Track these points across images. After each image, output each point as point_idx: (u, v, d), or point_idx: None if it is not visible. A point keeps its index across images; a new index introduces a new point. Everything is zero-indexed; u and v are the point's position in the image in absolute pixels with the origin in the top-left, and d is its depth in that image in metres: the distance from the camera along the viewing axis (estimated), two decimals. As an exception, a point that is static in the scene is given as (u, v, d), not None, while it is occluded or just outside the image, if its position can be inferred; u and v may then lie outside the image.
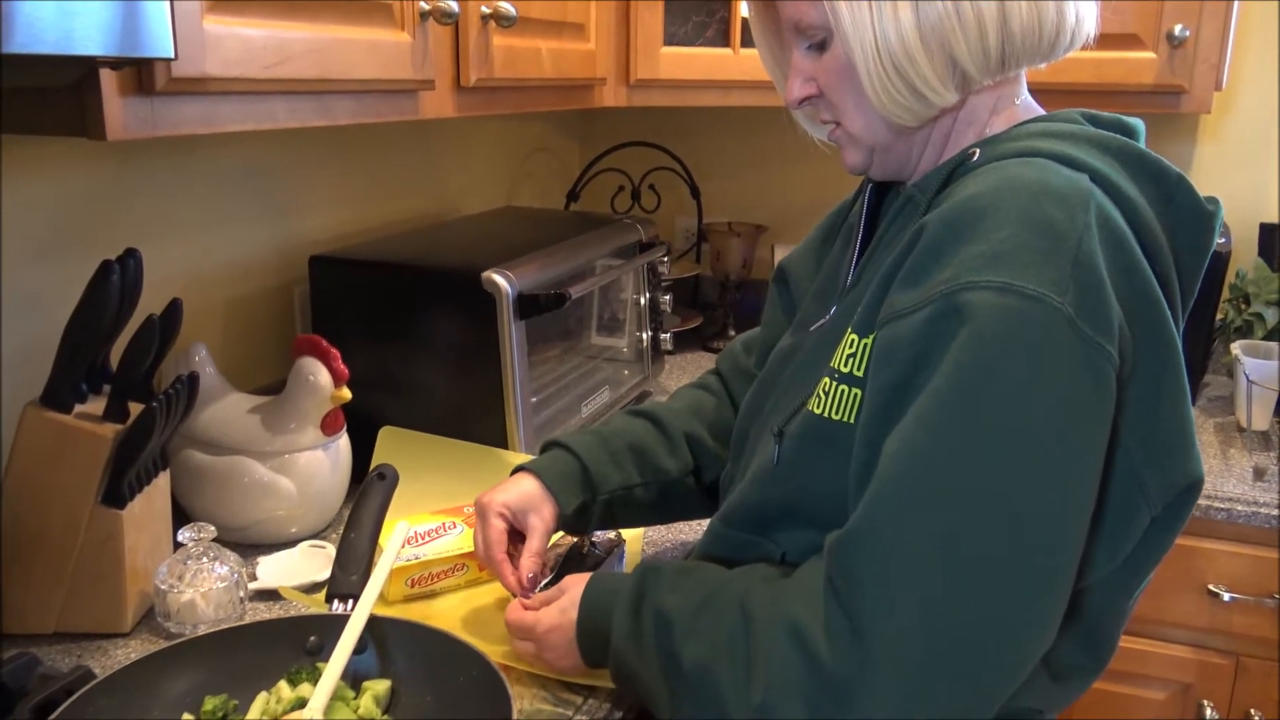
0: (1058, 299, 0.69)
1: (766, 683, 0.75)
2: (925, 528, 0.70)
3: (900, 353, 0.73)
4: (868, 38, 0.79)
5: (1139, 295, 0.73)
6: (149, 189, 1.35)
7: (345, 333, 1.32)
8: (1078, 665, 0.84)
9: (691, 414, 1.16)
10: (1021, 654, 0.72)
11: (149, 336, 1.04)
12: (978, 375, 0.69)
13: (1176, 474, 0.77)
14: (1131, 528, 0.77)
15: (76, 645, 1.05)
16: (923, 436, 0.71)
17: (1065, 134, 0.80)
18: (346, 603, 0.90)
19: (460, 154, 2.01)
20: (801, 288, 1.08)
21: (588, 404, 1.59)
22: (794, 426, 0.85)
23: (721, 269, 2.20)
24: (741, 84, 1.80)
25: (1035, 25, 0.79)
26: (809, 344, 0.93)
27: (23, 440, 1.02)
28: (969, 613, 0.70)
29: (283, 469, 1.24)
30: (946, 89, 0.80)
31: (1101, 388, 0.70)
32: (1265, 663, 1.58)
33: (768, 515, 0.89)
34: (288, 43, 0.98)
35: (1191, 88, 1.70)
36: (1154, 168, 0.79)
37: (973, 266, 0.71)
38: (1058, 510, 0.70)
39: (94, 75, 0.82)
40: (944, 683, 0.70)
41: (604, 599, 0.90)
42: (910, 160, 0.88)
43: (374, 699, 0.83)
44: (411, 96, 1.22)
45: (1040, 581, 0.71)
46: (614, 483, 1.08)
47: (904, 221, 0.85)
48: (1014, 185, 0.74)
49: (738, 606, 0.81)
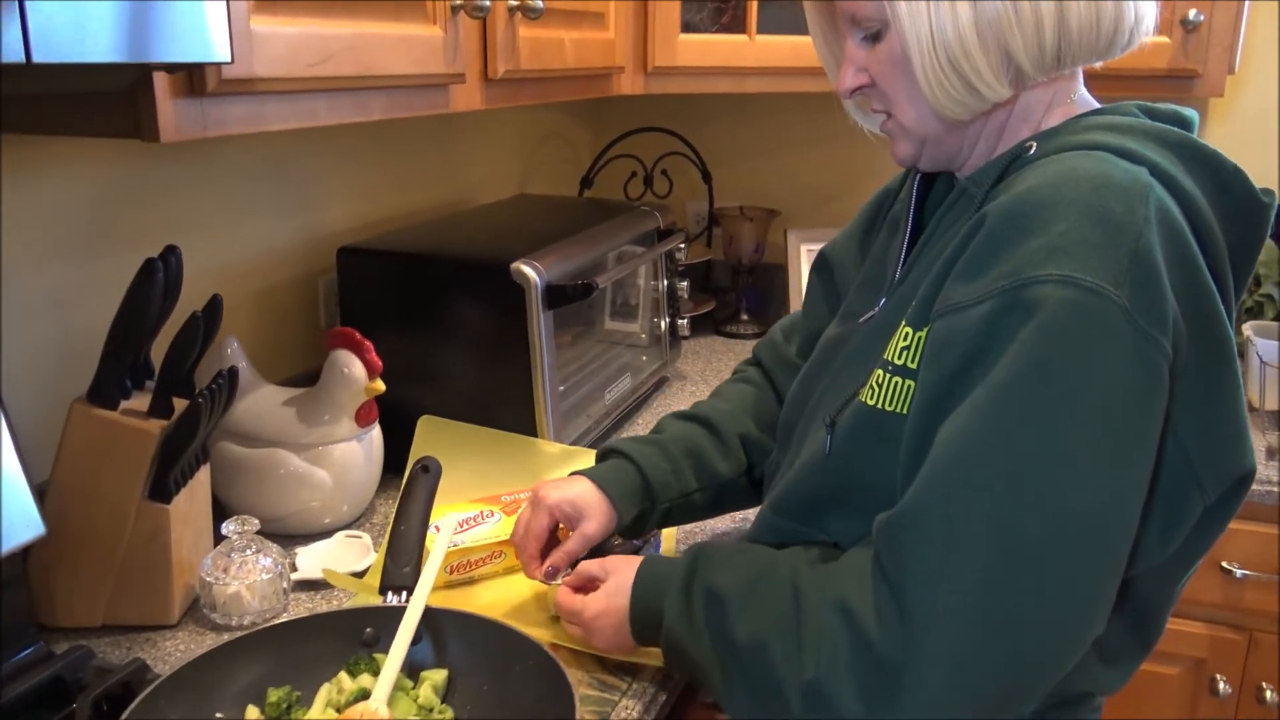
0: (1114, 292, 0.70)
1: (817, 660, 0.77)
2: (975, 512, 0.71)
3: (958, 346, 0.75)
4: (924, 31, 0.80)
5: (1194, 289, 0.74)
6: (172, 187, 1.35)
7: (373, 323, 1.33)
8: (1126, 649, 0.86)
9: (742, 413, 1.17)
10: (1068, 641, 0.74)
11: (194, 332, 1.05)
12: (1036, 367, 0.71)
13: (1230, 465, 0.78)
14: (1185, 518, 0.79)
15: (125, 637, 1.07)
16: (977, 424, 0.72)
17: (1124, 127, 0.81)
18: (400, 594, 0.92)
19: (474, 143, 2.01)
20: (846, 276, 1.09)
21: (610, 390, 1.61)
22: (846, 417, 0.86)
23: (734, 254, 2.22)
24: (757, 71, 1.81)
25: (1094, 23, 0.80)
26: (859, 335, 0.94)
27: (70, 437, 1.03)
28: (1016, 598, 0.71)
29: (318, 460, 1.26)
30: (1000, 84, 0.81)
31: (1154, 379, 0.72)
32: (1275, 638, 1.61)
33: (818, 504, 0.90)
34: (328, 40, 0.99)
35: (1205, 72, 1.72)
36: (1210, 160, 0.80)
37: (1034, 260, 0.72)
38: (1108, 499, 0.72)
39: (147, 78, 0.83)
40: (991, 663, 0.72)
41: (656, 581, 0.92)
42: (961, 153, 0.89)
43: (433, 688, 0.85)
44: (442, 90, 1.23)
45: (1089, 569, 0.73)
46: (673, 491, 1.10)
47: (957, 214, 0.86)
48: (1074, 178, 0.74)
49: (789, 585, 0.83)
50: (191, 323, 1.05)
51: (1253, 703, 1.63)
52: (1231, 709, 1.65)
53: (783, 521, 0.94)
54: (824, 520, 0.91)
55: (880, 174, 2.23)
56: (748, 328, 2.22)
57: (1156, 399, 0.72)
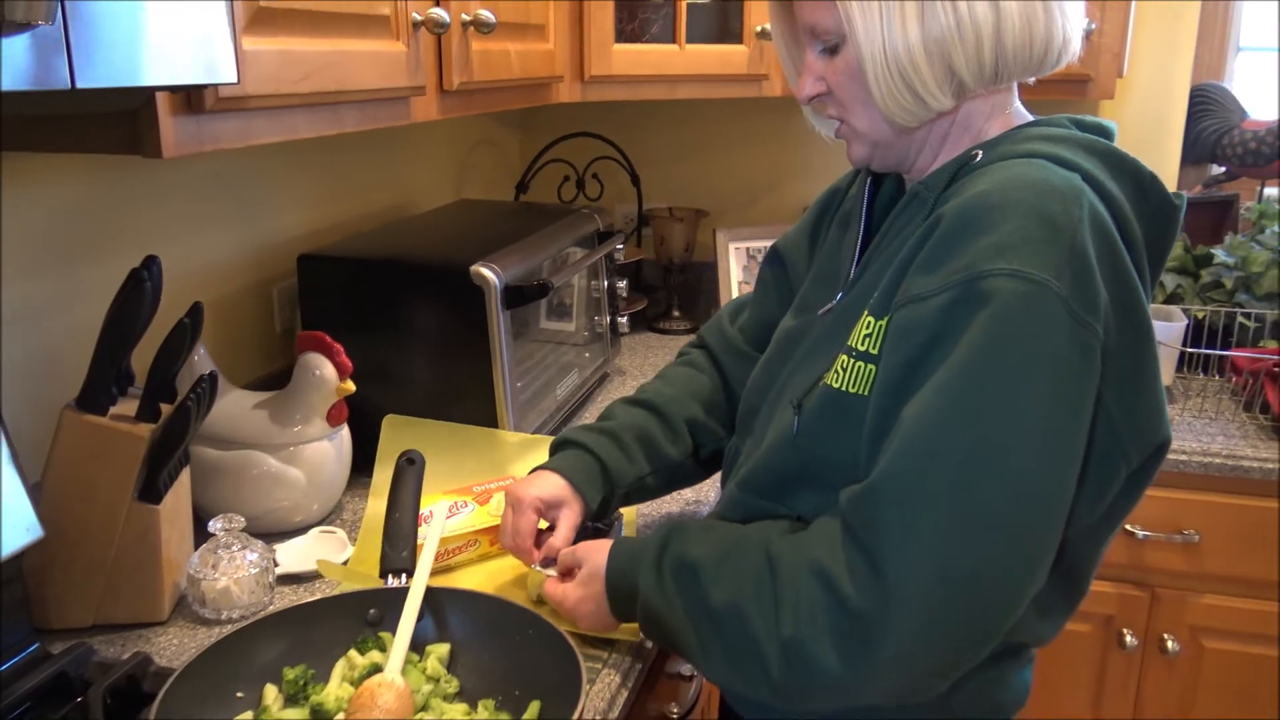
0: (1056, 283, 0.80)
1: (794, 619, 0.85)
2: (941, 478, 0.81)
3: (919, 333, 0.84)
4: (877, 45, 0.89)
5: (1120, 280, 0.85)
6: (127, 202, 1.37)
7: (334, 327, 1.37)
8: (1058, 603, 0.96)
9: (688, 397, 1.24)
10: (1021, 590, 0.84)
11: (182, 339, 1.09)
12: (991, 350, 0.80)
13: (1151, 434, 0.89)
14: (1112, 482, 0.89)
15: (118, 636, 1.11)
16: (941, 402, 0.82)
17: (1058, 138, 0.91)
18: (400, 577, 0.98)
19: (411, 151, 2.06)
20: (798, 270, 1.18)
21: (560, 386, 1.68)
22: (813, 399, 0.95)
23: (665, 253, 2.31)
24: (689, 78, 1.90)
25: (1027, 43, 0.90)
26: (820, 325, 1.02)
27: (62, 443, 1.07)
28: (978, 553, 0.81)
29: (292, 460, 1.30)
30: (945, 95, 0.91)
31: (1089, 360, 0.82)
32: (1175, 592, 1.77)
33: (785, 481, 0.98)
34: (309, 58, 1.04)
35: (1097, 76, 1.87)
36: (1131, 168, 0.91)
37: (986, 255, 0.81)
38: (1052, 465, 0.82)
39: (151, 98, 0.88)
40: (956, 614, 0.82)
41: (630, 558, 0.99)
42: (909, 156, 0.98)
43: (439, 660, 0.92)
44: (404, 102, 1.29)
45: (1037, 526, 0.83)
46: (629, 476, 1.18)
47: (910, 215, 0.95)
48: (1018, 183, 0.84)
49: (762, 553, 0.91)
50: (179, 330, 1.09)
51: (1156, 653, 1.78)
52: (1139, 659, 1.80)
53: (751, 499, 1.02)
54: (790, 496, 0.99)
55: (802, 174, 2.38)
56: (680, 324, 2.32)
57: (1090, 377, 0.82)
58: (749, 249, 2.27)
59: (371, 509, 1.32)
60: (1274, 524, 1.69)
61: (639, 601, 0.97)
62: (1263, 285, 1.92)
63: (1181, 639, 1.77)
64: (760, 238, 2.28)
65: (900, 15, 0.88)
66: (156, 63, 0.75)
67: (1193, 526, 1.72)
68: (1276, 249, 1.96)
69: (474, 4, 1.37)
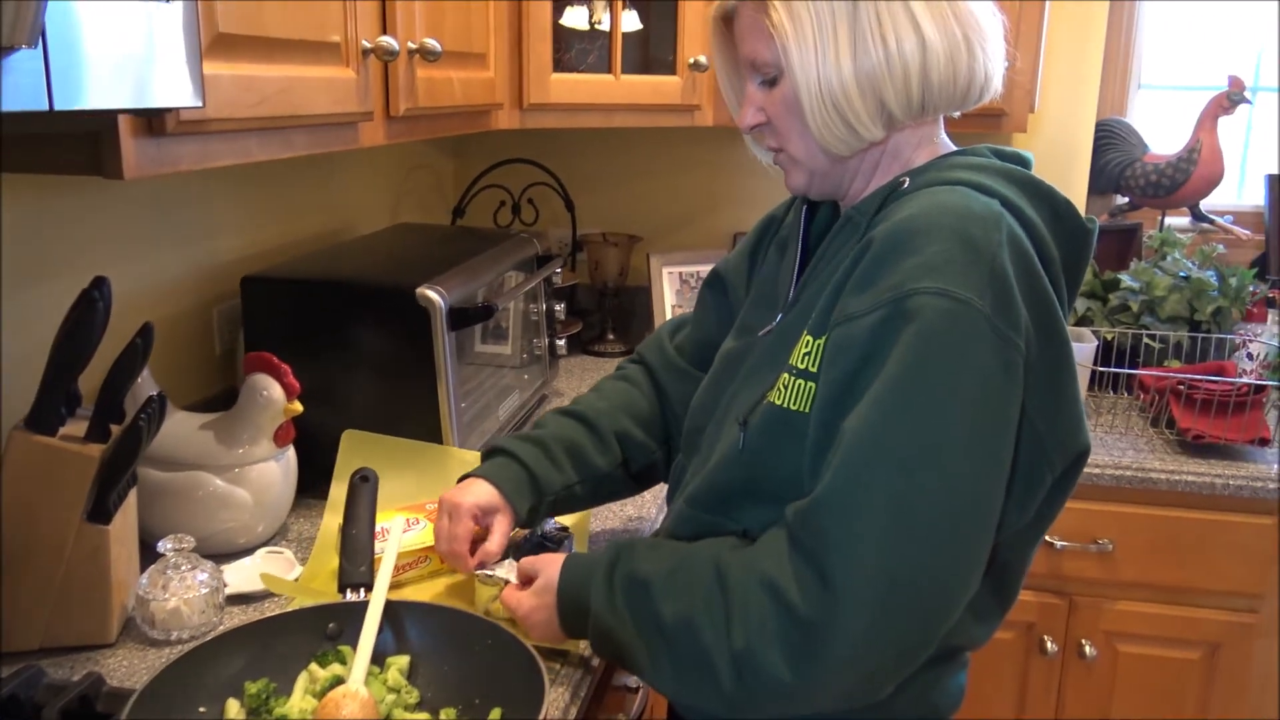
0: (979, 302, 0.85)
1: (745, 630, 0.88)
2: (880, 489, 0.85)
3: (853, 350, 0.89)
4: (813, 78, 0.94)
5: (1038, 299, 0.91)
6: (67, 221, 1.37)
7: (278, 348, 1.37)
8: (990, 607, 1.01)
9: (621, 410, 1.28)
10: (959, 593, 0.89)
11: (133, 359, 1.10)
12: (920, 364, 0.85)
13: (1072, 442, 0.95)
14: (1037, 489, 0.95)
15: (66, 658, 1.10)
16: (875, 415, 0.86)
17: (979, 166, 0.97)
18: (358, 591, 1.00)
19: (348, 176, 2.07)
20: (737, 293, 1.22)
21: (503, 407, 1.70)
22: (756, 416, 0.99)
23: (600, 277, 2.35)
24: (624, 107, 1.95)
25: (951, 79, 0.96)
26: (761, 346, 1.07)
27: (10, 464, 1.06)
28: (918, 558, 0.85)
29: (238, 481, 1.31)
30: (875, 126, 0.96)
31: (1013, 373, 0.88)
32: (1091, 599, 1.86)
33: (732, 495, 1.02)
34: (265, 83, 1.06)
35: (1011, 110, 1.97)
36: (1047, 194, 0.97)
37: (914, 275, 0.87)
38: (982, 472, 0.87)
39: (113, 120, 0.89)
40: (900, 618, 0.86)
41: (580, 574, 1.02)
42: (843, 184, 1.04)
43: (399, 671, 0.94)
44: (353, 127, 1.31)
45: (972, 531, 0.88)
46: (556, 485, 1.21)
47: (844, 238, 1.00)
48: (942, 208, 0.90)
49: (711, 567, 0.94)
50: (131, 349, 1.10)
51: (1075, 658, 1.87)
52: (1059, 664, 1.88)
53: (699, 514, 1.05)
54: (737, 510, 1.02)
55: (733, 201, 2.45)
56: (614, 346, 2.36)
57: (1014, 389, 0.88)
58: (681, 273, 2.33)
59: (327, 523, 1.33)
60: (1181, 532, 1.79)
61: (590, 618, 0.99)
62: (1165, 308, 2.03)
63: (1098, 644, 1.86)
64: (693, 262, 2.34)
65: (834, 51, 0.93)
66: (127, 85, 0.77)
67: (1106, 536, 1.81)
68: (1177, 275, 2.09)
69: (420, 33, 1.40)
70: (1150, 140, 2.52)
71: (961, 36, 0.95)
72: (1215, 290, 2.03)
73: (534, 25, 1.79)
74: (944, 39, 0.94)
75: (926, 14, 0.94)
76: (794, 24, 0.95)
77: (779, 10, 0.95)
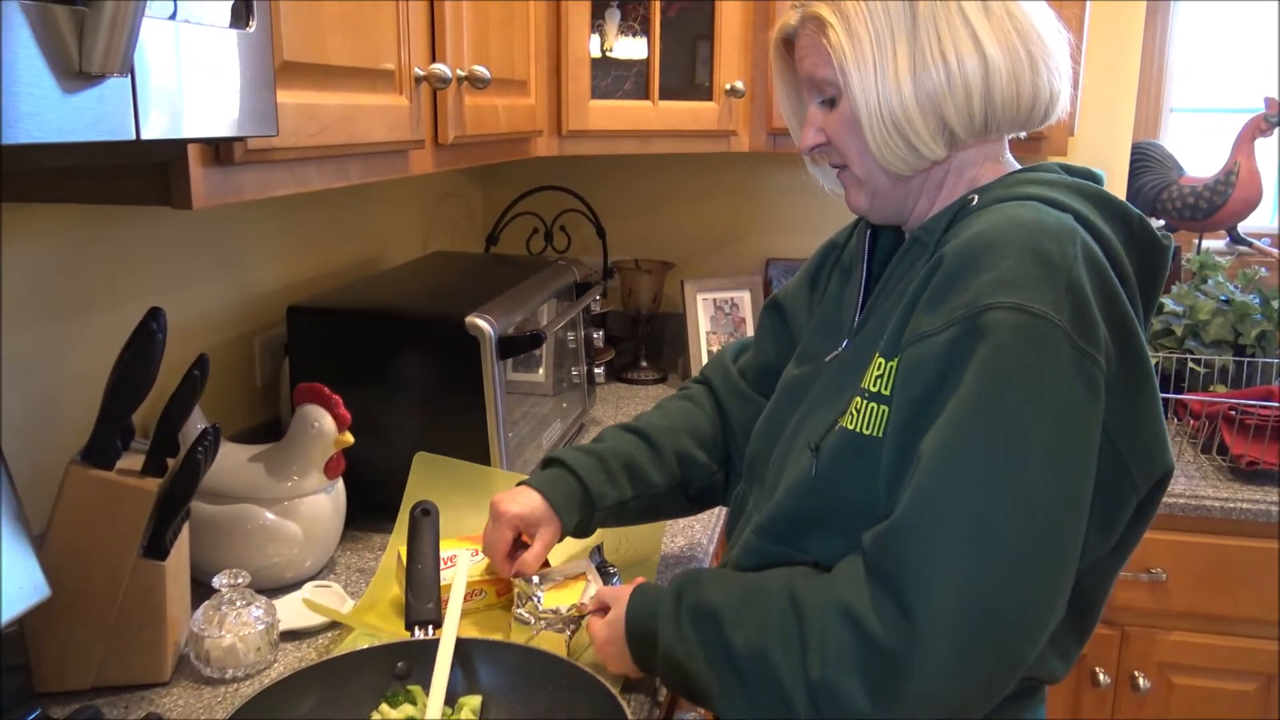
0: (1057, 317, 0.83)
1: (822, 659, 0.86)
2: (959, 512, 0.83)
3: (927, 369, 0.87)
4: (873, 99, 0.93)
5: (1116, 315, 0.88)
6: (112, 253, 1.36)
7: (323, 379, 1.36)
8: (1069, 638, 0.98)
9: (682, 430, 1.27)
10: (1044, 619, 0.86)
11: (191, 391, 1.08)
12: (997, 381, 0.83)
13: (1156, 463, 0.92)
14: (1122, 512, 0.92)
15: (120, 697, 1.07)
16: (954, 437, 0.84)
17: (1050, 181, 0.95)
18: (426, 629, 0.97)
19: (381, 204, 2.06)
20: (798, 319, 1.21)
21: (546, 435, 1.68)
22: (829, 442, 0.97)
23: (633, 304, 2.33)
24: (661, 133, 1.94)
25: (1014, 98, 0.95)
26: (828, 371, 1.05)
27: (67, 498, 1.04)
28: (1000, 583, 0.82)
29: (288, 514, 1.28)
30: (937, 145, 0.95)
31: (1094, 390, 0.85)
32: (1144, 630, 1.82)
33: (803, 525, 0.99)
34: (326, 111, 1.05)
35: (1051, 134, 1.95)
36: (1120, 210, 0.95)
37: (987, 290, 0.84)
38: (1065, 494, 0.84)
39: (183, 150, 0.88)
40: (982, 647, 0.83)
41: (646, 606, 1.00)
42: (906, 205, 1.02)
43: (472, 711, 0.91)
44: (404, 155, 1.30)
45: (1054, 554, 0.85)
46: (610, 499, 1.20)
47: (912, 259, 0.98)
48: (1014, 223, 0.88)
49: (785, 596, 0.92)
50: (189, 381, 1.08)
51: (1128, 690, 1.83)
52: (1111, 697, 1.84)
53: (768, 545, 1.02)
54: (808, 540, 0.99)
55: (763, 228, 2.43)
56: (647, 374, 2.34)
57: (1096, 407, 0.86)
58: (715, 299, 2.31)
59: (392, 549, 1.30)
60: (1235, 561, 1.75)
61: (659, 650, 0.97)
62: (1210, 332, 2.01)
63: (1151, 676, 1.82)
64: (726, 289, 2.32)
65: (894, 71, 0.93)
66: (208, 113, 0.76)
67: (1159, 565, 1.78)
68: (1219, 299, 2.06)
69: (468, 60, 1.39)
70: (1184, 163, 2.50)
71: (1025, 53, 0.94)
72: (1259, 314, 2.00)
73: (572, 51, 1.78)
74: (1007, 56, 0.93)
75: (988, 31, 0.93)
76: (853, 44, 0.94)
77: (837, 31, 0.95)
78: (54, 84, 0.60)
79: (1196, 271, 2.20)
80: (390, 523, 1.32)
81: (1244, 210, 2.31)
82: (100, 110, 0.65)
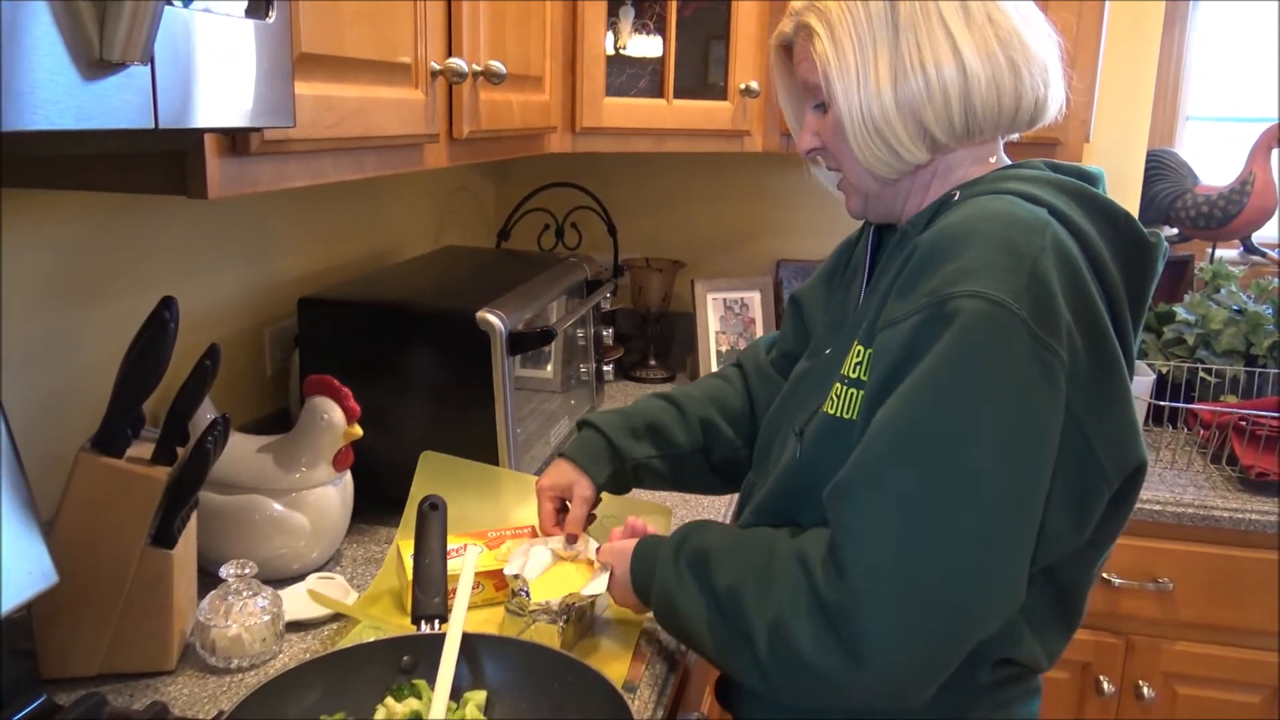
0: (1015, 305, 0.84)
1: (779, 601, 0.90)
2: (893, 484, 0.85)
3: (893, 353, 0.88)
4: (855, 106, 0.96)
5: (1085, 309, 0.88)
6: (125, 241, 1.36)
7: (333, 371, 1.36)
8: (1051, 621, 0.99)
9: (709, 400, 1.32)
10: (990, 598, 0.86)
11: (202, 381, 1.08)
12: (951, 363, 0.84)
13: (1127, 456, 0.93)
14: (1095, 504, 0.93)
15: (126, 685, 1.08)
16: (903, 410, 0.86)
17: (1029, 177, 0.96)
18: (433, 623, 0.97)
19: (394, 198, 2.07)
20: (814, 315, 1.24)
21: (554, 431, 1.68)
22: (811, 426, 1.00)
23: (643, 303, 2.33)
24: (675, 132, 1.94)
25: (994, 102, 0.96)
26: (823, 364, 1.08)
27: (76, 486, 1.04)
28: (932, 558, 0.84)
29: (296, 505, 1.29)
30: (918, 149, 0.97)
31: (1051, 379, 0.85)
32: (1150, 639, 1.82)
33: (790, 504, 1.03)
34: (343, 103, 1.05)
35: (1066, 140, 1.95)
36: (1104, 206, 0.96)
37: (952, 278, 0.86)
38: (1012, 474, 0.85)
39: (200, 140, 0.88)
40: (921, 617, 0.84)
41: (651, 546, 1.07)
42: (896, 206, 1.05)
43: (476, 706, 0.91)
44: (418, 149, 1.30)
45: (1000, 533, 0.85)
46: (636, 454, 1.25)
47: (898, 252, 1.00)
48: (985, 215, 0.90)
49: (766, 543, 0.97)
50: (200, 371, 1.08)
51: (1132, 700, 1.83)
52: (1115, 705, 1.84)
53: (760, 524, 1.06)
54: (795, 519, 1.03)
55: (774, 229, 2.43)
56: (656, 372, 2.33)
57: (1052, 396, 0.86)
58: (725, 299, 2.31)
59: (398, 543, 1.30)
60: (1242, 572, 1.74)
61: (654, 581, 1.02)
62: (1222, 342, 2.00)
63: (1156, 685, 1.81)
64: (737, 289, 2.32)
65: (875, 79, 0.95)
66: (227, 103, 0.76)
67: (1166, 574, 1.77)
68: (1231, 308, 2.06)
69: (484, 55, 1.39)
70: (1199, 172, 2.49)
71: (1006, 60, 0.96)
72: (1271, 325, 1.99)
73: (588, 49, 1.78)
74: (986, 63, 0.95)
75: (968, 39, 0.95)
76: (837, 52, 0.97)
77: (823, 39, 0.98)
78: (74, 71, 0.61)
79: (1209, 281, 2.19)
80: (397, 516, 1.32)
81: (1259, 220, 2.30)
82: (120, 98, 0.65)
